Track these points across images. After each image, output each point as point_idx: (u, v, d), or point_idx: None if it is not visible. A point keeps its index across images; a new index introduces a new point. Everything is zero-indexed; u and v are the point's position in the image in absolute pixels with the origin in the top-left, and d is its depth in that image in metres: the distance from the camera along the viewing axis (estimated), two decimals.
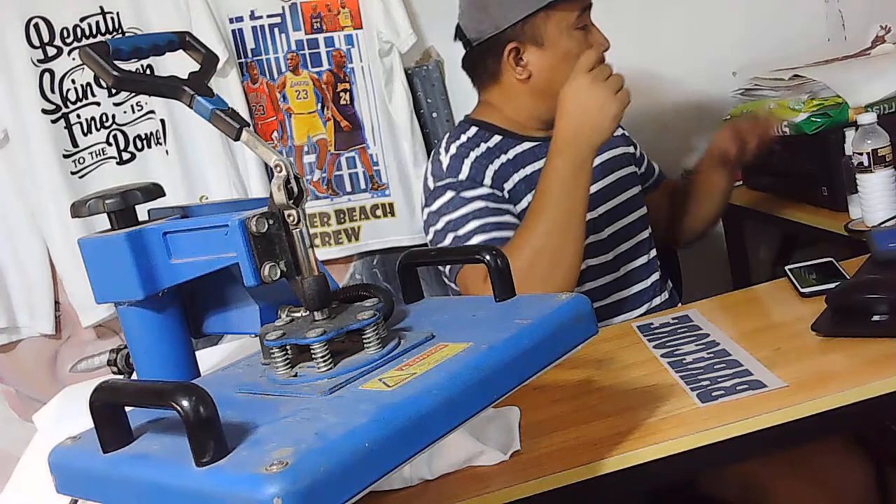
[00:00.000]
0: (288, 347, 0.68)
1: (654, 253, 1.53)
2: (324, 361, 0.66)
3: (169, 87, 0.75)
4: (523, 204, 1.39)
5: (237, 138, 0.72)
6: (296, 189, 0.69)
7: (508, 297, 0.78)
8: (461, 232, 1.35)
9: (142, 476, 0.58)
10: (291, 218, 0.69)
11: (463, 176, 1.40)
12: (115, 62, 0.74)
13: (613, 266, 1.46)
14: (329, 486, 0.52)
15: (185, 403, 0.53)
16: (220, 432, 0.55)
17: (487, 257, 0.80)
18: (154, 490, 0.57)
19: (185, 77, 0.75)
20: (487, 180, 1.40)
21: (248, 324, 0.80)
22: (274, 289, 0.74)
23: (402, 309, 0.82)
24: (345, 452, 0.54)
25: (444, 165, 1.42)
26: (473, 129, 1.46)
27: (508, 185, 1.41)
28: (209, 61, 0.79)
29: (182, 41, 0.81)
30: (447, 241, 1.36)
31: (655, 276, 1.51)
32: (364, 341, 0.68)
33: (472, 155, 1.42)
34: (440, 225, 1.38)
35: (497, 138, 1.44)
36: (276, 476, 0.51)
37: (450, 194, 1.39)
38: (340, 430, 0.55)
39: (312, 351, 0.66)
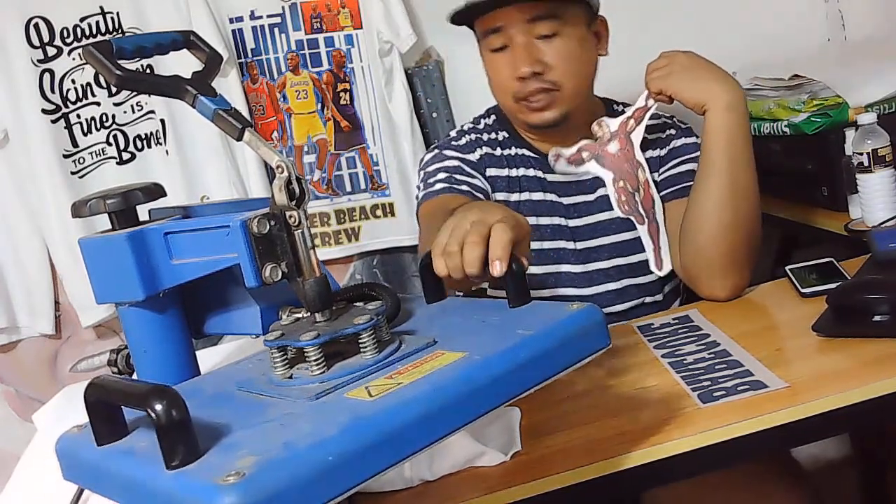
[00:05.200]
0: (287, 348, 0.68)
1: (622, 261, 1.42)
2: (317, 365, 0.65)
3: (172, 87, 0.75)
4: (493, 197, 1.40)
5: (240, 138, 0.72)
6: (297, 190, 0.69)
7: (522, 302, 0.76)
8: (430, 180, 1.38)
9: (123, 472, 0.59)
10: (293, 219, 0.69)
11: (456, 143, 1.44)
12: (119, 61, 0.74)
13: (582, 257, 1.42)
14: (286, 499, 0.52)
15: (157, 407, 0.54)
16: (190, 436, 0.55)
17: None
18: (132, 487, 0.58)
19: (188, 76, 0.75)
20: (475, 156, 1.42)
21: (249, 324, 0.80)
22: (275, 289, 0.74)
23: (413, 309, 0.81)
24: (307, 465, 0.53)
25: (452, 133, 1.48)
26: (492, 118, 1.48)
27: (490, 173, 1.42)
28: (213, 61, 0.79)
29: (186, 40, 0.81)
30: (420, 195, 1.39)
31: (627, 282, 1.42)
32: (360, 346, 0.67)
33: (474, 136, 1.45)
34: (419, 178, 1.43)
35: (504, 134, 1.45)
36: (230, 488, 0.51)
37: (435, 151, 1.44)
38: (309, 440, 0.55)
39: (306, 354, 0.66)
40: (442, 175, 1.37)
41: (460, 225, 0.85)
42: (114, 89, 1.90)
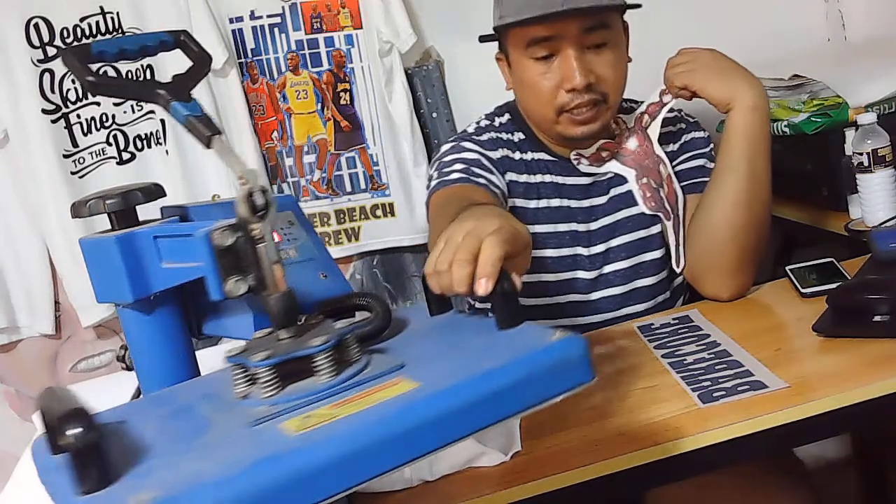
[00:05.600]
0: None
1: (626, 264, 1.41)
2: (268, 387, 0.63)
3: (145, 91, 0.73)
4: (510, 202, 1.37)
5: (208, 146, 0.70)
6: (260, 203, 0.66)
7: (511, 325, 0.69)
8: (446, 170, 1.32)
9: (53, 487, 0.58)
10: (256, 232, 0.66)
11: (477, 138, 1.39)
12: (102, 64, 0.73)
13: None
14: None
15: (68, 432, 0.52)
16: (102, 464, 0.54)
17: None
18: None
19: (169, 80, 0.73)
20: (496, 155, 1.38)
21: (243, 330, 0.79)
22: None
23: (407, 322, 0.78)
24: None
25: (469, 129, 1.42)
26: (506, 117, 1.44)
27: (509, 177, 1.38)
28: (200, 63, 0.77)
29: (177, 41, 0.79)
30: (431, 185, 1.34)
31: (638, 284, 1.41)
32: (314, 369, 0.64)
33: (494, 134, 1.41)
34: (433, 167, 1.37)
35: (520, 136, 1.41)
36: None
37: (453, 143, 1.38)
38: (212, 477, 0.53)
39: (257, 375, 0.63)
40: (459, 166, 1.32)
41: (453, 237, 0.80)
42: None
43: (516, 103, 1.44)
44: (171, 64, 1.56)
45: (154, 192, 0.81)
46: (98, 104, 1.90)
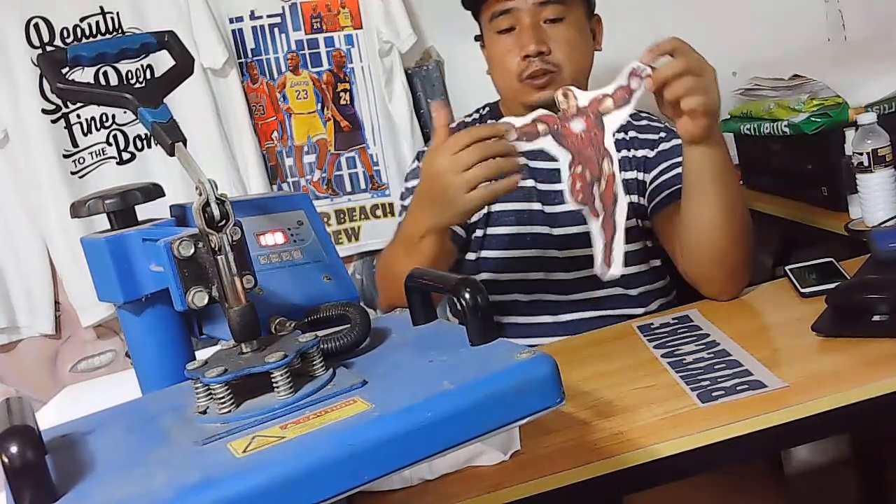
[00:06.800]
0: None
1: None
2: (222, 403, 0.62)
3: (113, 97, 0.72)
4: None
5: (171, 153, 0.69)
6: (217, 214, 0.65)
7: (482, 341, 0.66)
8: (406, 202, 1.41)
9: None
10: (213, 244, 0.65)
11: (451, 128, 1.42)
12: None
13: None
14: None
15: (10, 450, 0.52)
16: (42, 483, 0.53)
17: (466, 295, 0.67)
18: None
19: (143, 84, 0.73)
20: None
21: None
22: (263, 300, 0.72)
23: (388, 332, 0.77)
24: None
25: (451, 126, 1.45)
26: (486, 109, 1.51)
27: None
28: (179, 67, 0.77)
29: (161, 42, 0.79)
30: (398, 213, 1.44)
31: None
32: (273, 384, 0.63)
33: (472, 123, 1.48)
34: (402, 189, 1.49)
35: (493, 121, 1.43)
36: None
37: (415, 164, 1.49)
38: (144, 502, 0.52)
39: (212, 390, 0.63)
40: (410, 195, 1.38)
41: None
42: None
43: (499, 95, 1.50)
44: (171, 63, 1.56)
45: (153, 192, 0.81)
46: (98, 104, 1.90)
